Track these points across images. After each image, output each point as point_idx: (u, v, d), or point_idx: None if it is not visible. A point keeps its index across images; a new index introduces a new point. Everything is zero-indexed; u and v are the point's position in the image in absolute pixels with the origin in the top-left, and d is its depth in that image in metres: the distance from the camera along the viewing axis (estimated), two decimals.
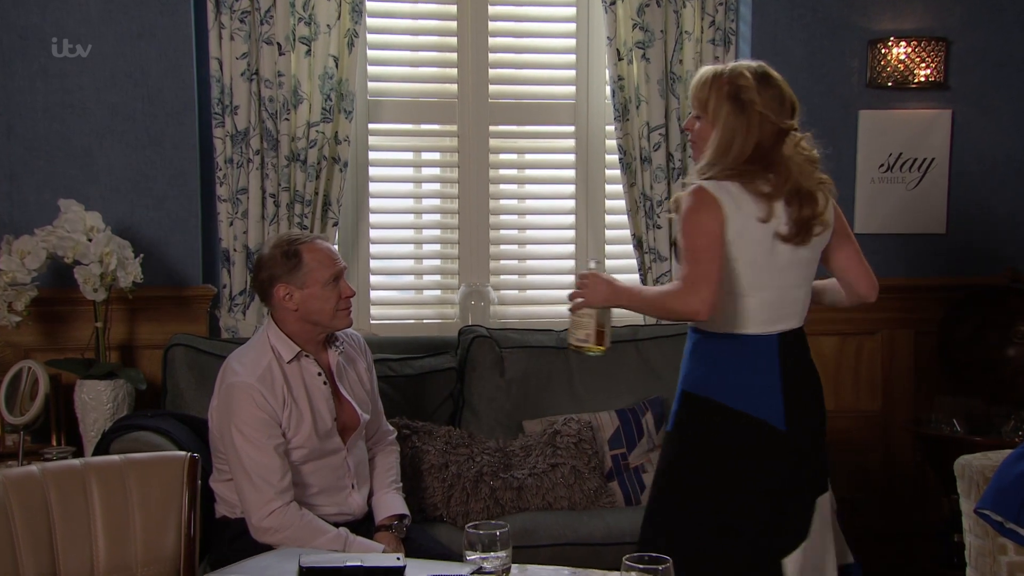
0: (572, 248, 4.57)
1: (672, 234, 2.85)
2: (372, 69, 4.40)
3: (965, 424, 4.16)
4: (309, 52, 4.12)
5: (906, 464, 4.54)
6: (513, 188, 4.62)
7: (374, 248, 4.46)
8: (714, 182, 2.77)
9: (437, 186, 4.57)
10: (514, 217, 4.61)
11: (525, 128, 4.57)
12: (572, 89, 4.54)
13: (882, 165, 4.51)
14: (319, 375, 3.21)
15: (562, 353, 4.06)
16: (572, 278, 4.51)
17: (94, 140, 4.05)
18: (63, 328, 4.03)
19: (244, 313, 4.14)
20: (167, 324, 4.08)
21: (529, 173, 4.62)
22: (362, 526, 3.25)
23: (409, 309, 4.58)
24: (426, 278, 4.59)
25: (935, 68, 4.42)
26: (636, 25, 4.29)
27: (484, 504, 3.61)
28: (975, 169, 4.58)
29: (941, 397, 4.35)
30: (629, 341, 4.12)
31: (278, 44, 4.08)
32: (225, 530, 3.12)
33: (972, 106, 4.54)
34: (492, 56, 4.48)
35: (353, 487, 3.27)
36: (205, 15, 4.06)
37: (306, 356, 3.20)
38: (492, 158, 4.52)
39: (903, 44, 4.40)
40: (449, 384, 4.00)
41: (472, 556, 2.20)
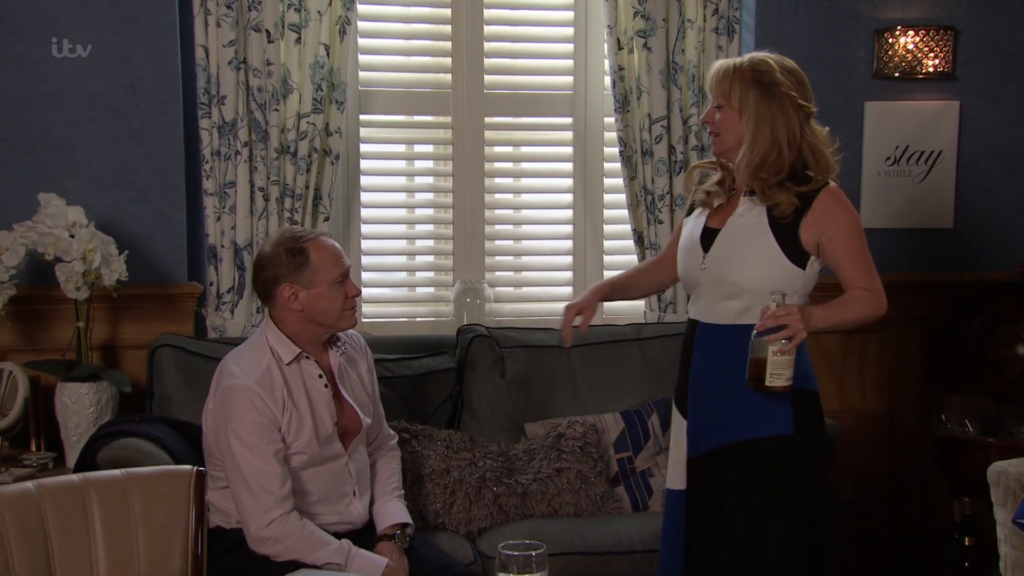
0: (570, 244, 4.43)
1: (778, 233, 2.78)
2: (363, 58, 4.24)
3: (977, 425, 4.05)
4: (299, 40, 3.95)
5: (913, 465, 4.43)
6: (509, 182, 4.47)
7: (365, 244, 4.31)
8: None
9: (430, 179, 4.42)
10: (510, 212, 4.46)
11: (522, 120, 4.42)
12: (570, 79, 4.40)
13: (888, 158, 4.39)
14: (320, 377, 3.07)
15: (563, 353, 3.92)
16: (570, 275, 4.41)
17: (73, 131, 3.87)
18: (42, 328, 3.85)
19: (232, 312, 3.98)
20: (151, 323, 3.91)
21: (526, 166, 4.48)
22: (363, 535, 3.11)
23: (402, 307, 4.43)
24: (419, 275, 4.44)
25: (943, 58, 4.32)
26: (637, 13, 4.15)
27: (488, 511, 3.47)
28: (983, 162, 4.48)
29: (950, 396, 4.23)
30: (632, 340, 3.98)
31: (267, 31, 3.91)
32: (220, 541, 2.96)
33: (981, 97, 4.43)
34: (488, 45, 4.33)
35: (355, 494, 3.13)
36: (190, 0, 3.88)
37: (306, 357, 3.06)
38: (488, 151, 4.37)
39: (911, 33, 4.30)
40: (448, 385, 3.84)
41: None
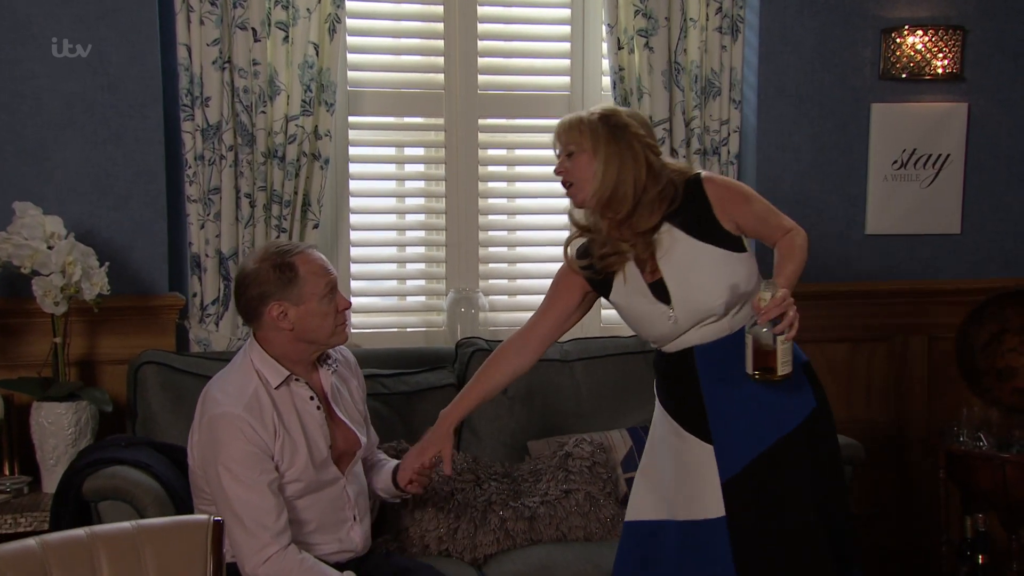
0: None
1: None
2: (352, 57, 4.05)
3: (992, 440, 3.93)
4: (287, 39, 3.76)
5: (921, 478, 4.31)
6: (504, 186, 4.29)
7: (355, 251, 4.12)
8: None
9: (422, 184, 4.23)
10: (504, 217, 4.29)
11: (517, 121, 4.25)
12: (567, 79, 4.23)
13: (895, 162, 4.26)
14: (312, 399, 2.90)
15: (566, 367, 3.77)
16: None
17: (48, 135, 3.65)
18: (15, 343, 3.63)
19: (217, 324, 3.78)
20: (131, 337, 3.70)
21: (521, 170, 4.30)
22: (366, 562, 2.96)
23: (392, 317, 4.24)
24: (410, 283, 4.26)
25: (952, 59, 4.20)
26: (638, 11, 3.99)
27: (494, 536, 3.29)
28: (992, 165, 4.36)
29: (960, 409, 4.11)
30: (637, 353, 3.82)
31: (253, 29, 3.71)
32: None
33: (989, 99, 4.32)
34: (482, 44, 4.16)
35: (355, 519, 2.97)
36: None
37: (296, 380, 2.89)
38: (481, 153, 4.20)
39: (919, 33, 4.17)
40: (447, 402, 3.62)
41: None
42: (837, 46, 4.20)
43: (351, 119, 4.07)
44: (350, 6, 3.97)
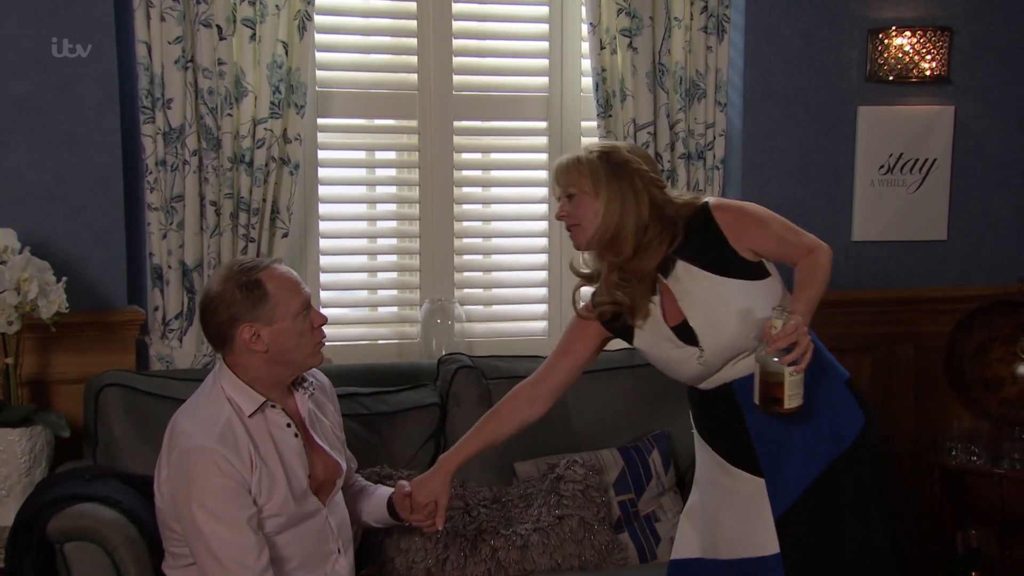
0: (545, 258, 4.09)
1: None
2: (320, 56, 3.83)
3: (985, 454, 3.82)
4: (254, 36, 3.54)
5: (908, 492, 4.19)
6: (479, 191, 4.11)
7: (324, 260, 3.91)
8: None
9: (394, 189, 4.03)
10: (480, 224, 4.10)
11: (493, 124, 4.06)
12: (545, 80, 4.05)
13: (882, 166, 4.14)
14: (288, 426, 2.71)
15: None
16: (546, 291, 4.07)
17: None
18: None
19: (180, 340, 3.55)
20: (88, 355, 3.47)
21: (497, 175, 4.12)
22: None
23: (364, 328, 4.03)
24: (382, 293, 4.06)
25: (939, 61, 4.09)
26: (622, 10, 3.82)
27: (485, 567, 3.10)
28: (978, 170, 4.26)
29: (950, 422, 4.01)
30: (625, 368, 3.64)
31: (218, 27, 3.49)
32: None
33: (976, 102, 4.21)
34: (457, 43, 3.96)
35: (339, 551, 2.79)
36: None
37: (272, 406, 2.69)
38: (456, 157, 4.00)
39: (907, 34, 4.05)
40: (431, 422, 3.44)
41: None
42: (823, 46, 4.07)
43: (319, 121, 3.86)
44: (318, 3, 3.75)
